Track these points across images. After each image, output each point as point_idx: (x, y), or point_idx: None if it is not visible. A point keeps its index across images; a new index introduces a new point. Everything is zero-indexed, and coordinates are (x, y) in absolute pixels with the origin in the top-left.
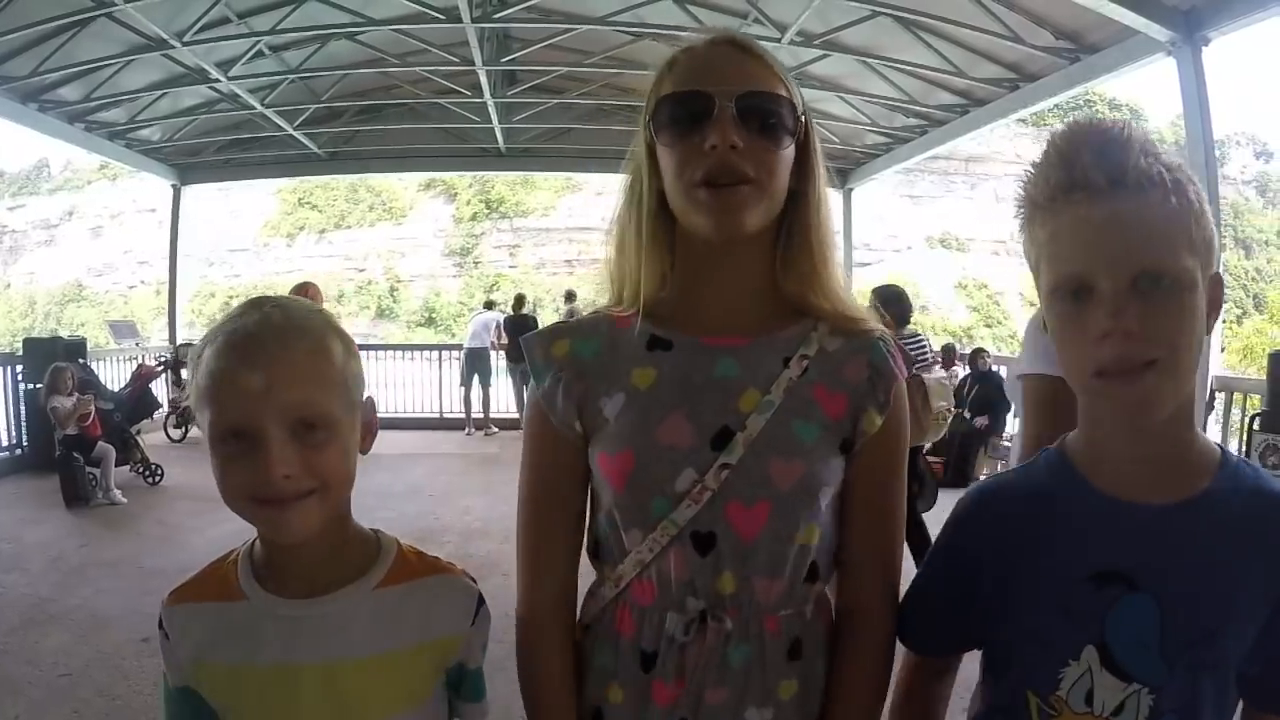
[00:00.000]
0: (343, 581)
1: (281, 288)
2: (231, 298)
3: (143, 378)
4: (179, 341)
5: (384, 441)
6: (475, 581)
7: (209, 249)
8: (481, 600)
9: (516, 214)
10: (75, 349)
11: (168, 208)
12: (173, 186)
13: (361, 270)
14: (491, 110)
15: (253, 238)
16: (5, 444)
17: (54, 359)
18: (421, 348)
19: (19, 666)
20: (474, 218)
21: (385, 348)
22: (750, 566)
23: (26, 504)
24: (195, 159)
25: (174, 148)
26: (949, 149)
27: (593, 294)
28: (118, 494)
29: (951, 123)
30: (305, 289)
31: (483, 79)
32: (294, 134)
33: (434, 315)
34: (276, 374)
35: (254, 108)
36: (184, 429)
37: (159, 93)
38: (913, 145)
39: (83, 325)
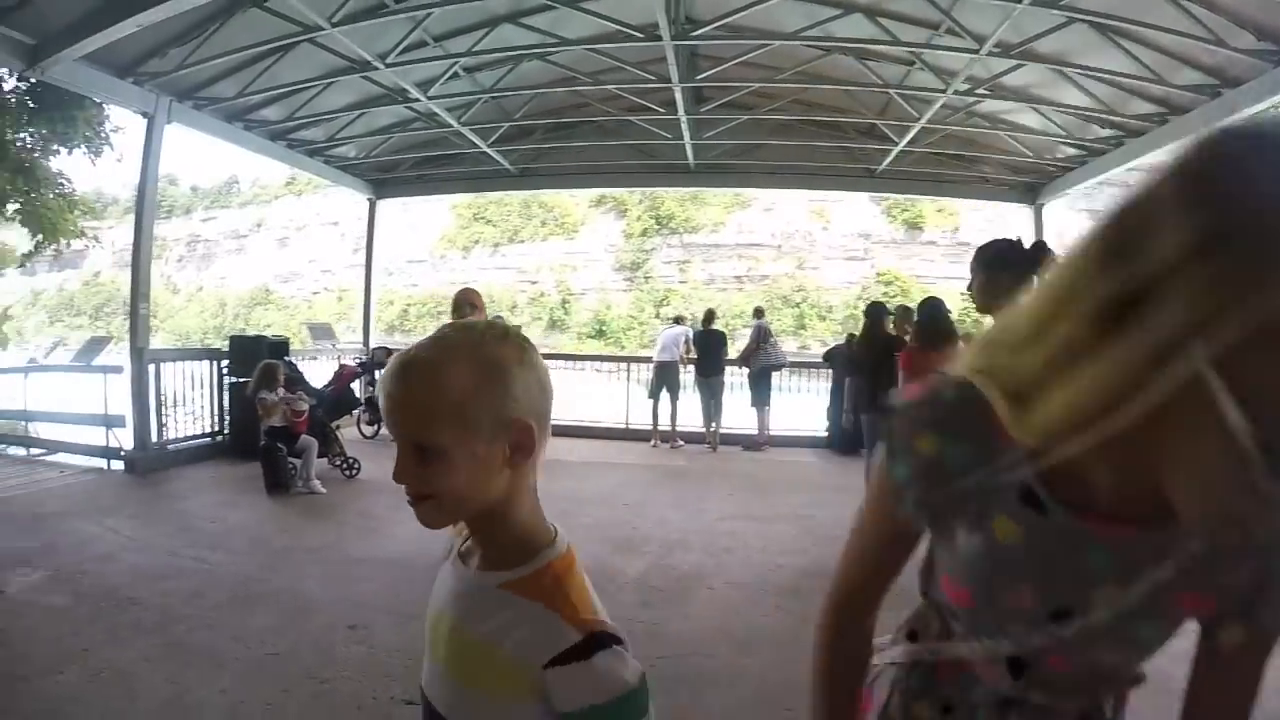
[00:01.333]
0: (494, 566)
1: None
2: (410, 304)
3: (344, 377)
4: (373, 345)
5: (570, 450)
6: (605, 639)
7: (389, 259)
8: (577, 655)
9: (686, 230)
10: (279, 348)
11: (349, 221)
12: (368, 200)
13: (534, 283)
14: (684, 127)
15: (429, 250)
16: (207, 431)
17: (258, 356)
18: (599, 358)
19: (226, 642)
20: (644, 233)
21: (570, 357)
22: (1059, 691)
23: (226, 488)
24: (389, 175)
25: (369, 164)
26: (1144, 162)
27: (747, 306)
28: (318, 484)
29: (1150, 133)
30: (466, 295)
31: (678, 96)
32: (487, 150)
33: (604, 328)
34: (398, 403)
35: (449, 126)
36: (376, 427)
37: (357, 112)
38: (1108, 158)
39: (268, 326)
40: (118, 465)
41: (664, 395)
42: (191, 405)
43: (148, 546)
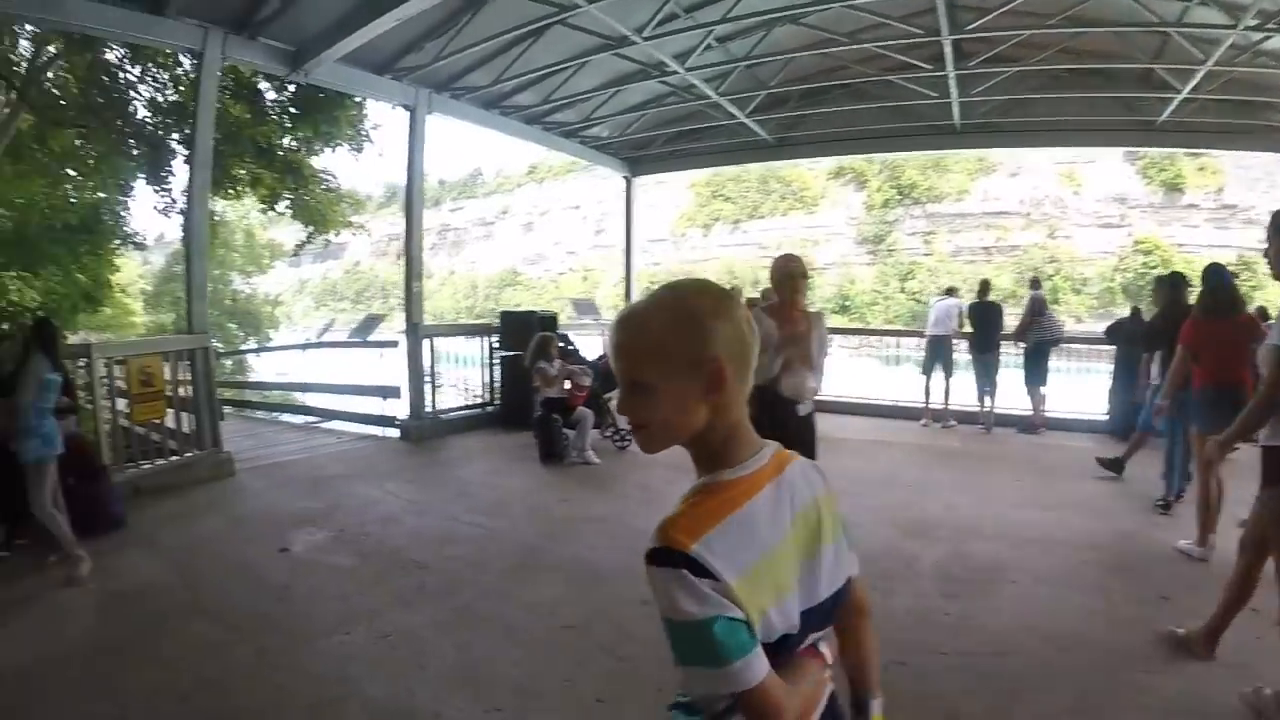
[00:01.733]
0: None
1: (696, 274)
2: (652, 282)
3: None
4: None
5: (841, 426)
6: (664, 556)
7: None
8: (646, 559)
9: (929, 199)
10: (548, 323)
11: (589, 204)
12: (624, 178)
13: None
14: (951, 84)
15: (669, 228)
16: (477, 401)
17: (528, 331)
18: (866, 332)
19: (516, 612)
20: (885, 204)
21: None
22: None
23: (498, 456)
24: (643, 152)
25: (623, 142)
26: None
27: (1011, 283)
28: (593, 455)
29: None
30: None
31: (946, 49)
32: (745, 121)
33: (848, 303)
34: (616, 348)
35: (704, 99)
36: None
37: (611, 91)
38: None
39: (517, 305)
40: (392, 433)
41: (937, 371)
42: (462, 377)
43: (427, 510)
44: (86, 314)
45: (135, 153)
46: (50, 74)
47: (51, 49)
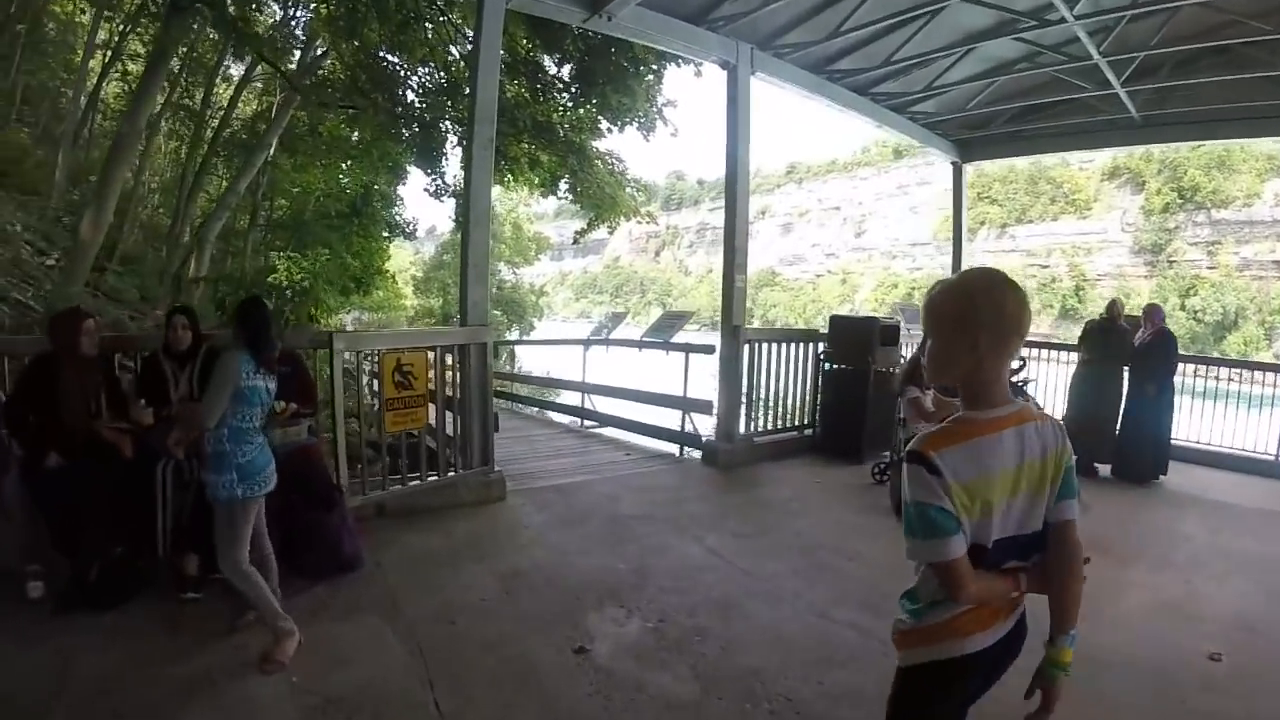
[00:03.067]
0: None
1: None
2: (914, 287)
3: None
4: None
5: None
6: (912, 455)
7: (890, 242)
8: (905, 458)
9: (1214, 203)
10: (891, 332)
11: (849, 206)
12: (952, 164)
13: (1044, 267)
14: None
15: (932, 232)
16: (794, 423)
17: (862, 339)
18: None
19: None
20: (1165, 209)
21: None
22: None
23: (834, 501)
24: (979, 133)
25: (957, 120)
26: None
27: None
28: None
29: None
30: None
31: None
32: (1119, 91)
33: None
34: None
35: (1075, 61)
36: None
37: (956, 53)
38: None
39: (774, 307)
40: (689, 453)
41: None
42: (780, 392)
43: (778, 594)
44: (359, 295)
45: (405, 135)
46: (322, 68)
47: (319, 43)
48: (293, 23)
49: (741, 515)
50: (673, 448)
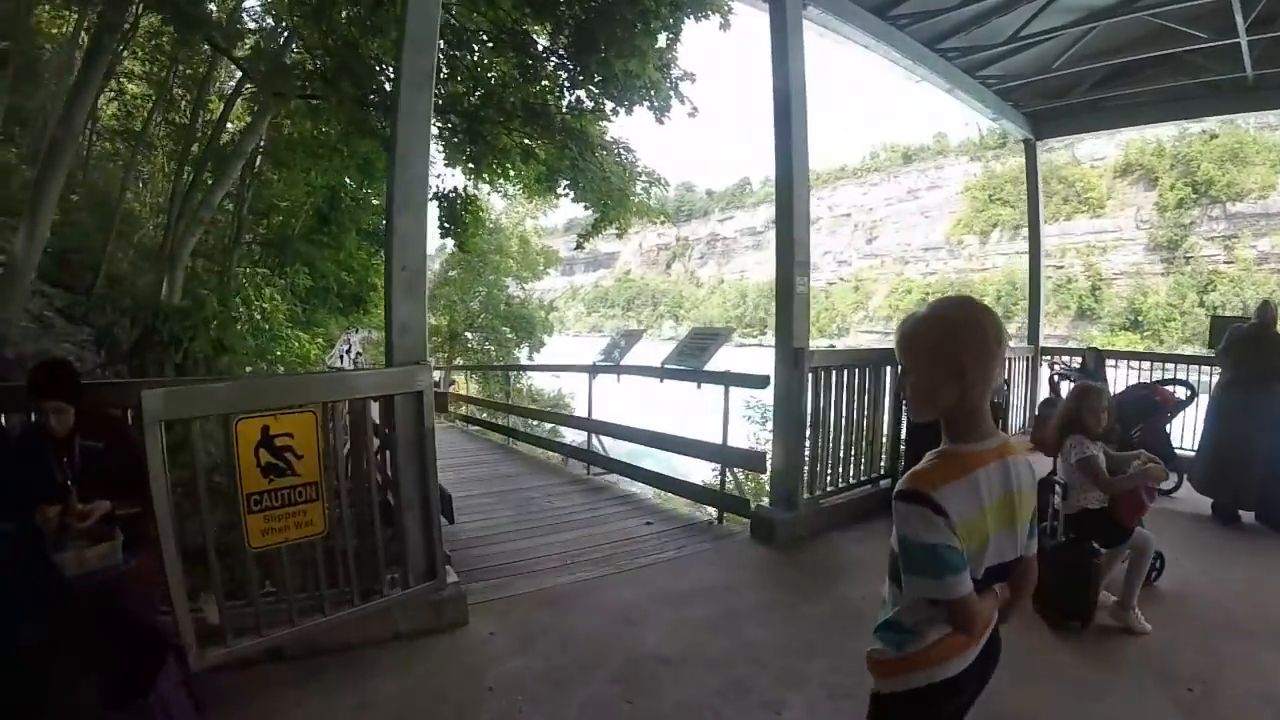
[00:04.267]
0: None
1: (974, 285)
2: (928, 293)
3: (1163, 403)
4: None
5: None
6: (907, 494)
7: (903, 247)
8: (898, 497)
9: (1229, 196)
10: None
11: (859, 213)
12: (1024, 141)
13: (1060, 267)
14: None
15: (945, 235)
16: (863, 476)
17: None
18: None
19: None
20: (1180, 204)
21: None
22: None
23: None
24: (1058, 102)
25: (1031, 88)
26: None
27: None
28: (1140, 617)
29: None
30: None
31: None
32: (1242, 40)
33: (1140, 318)
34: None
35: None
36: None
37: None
38: None
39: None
40: (733, 520)
41: None
42: (853, 433)
43: None
44: (359, 314)
45: (378, 129)
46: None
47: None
48: (253, 8)
49: (834, 647)
50: (707, 508)
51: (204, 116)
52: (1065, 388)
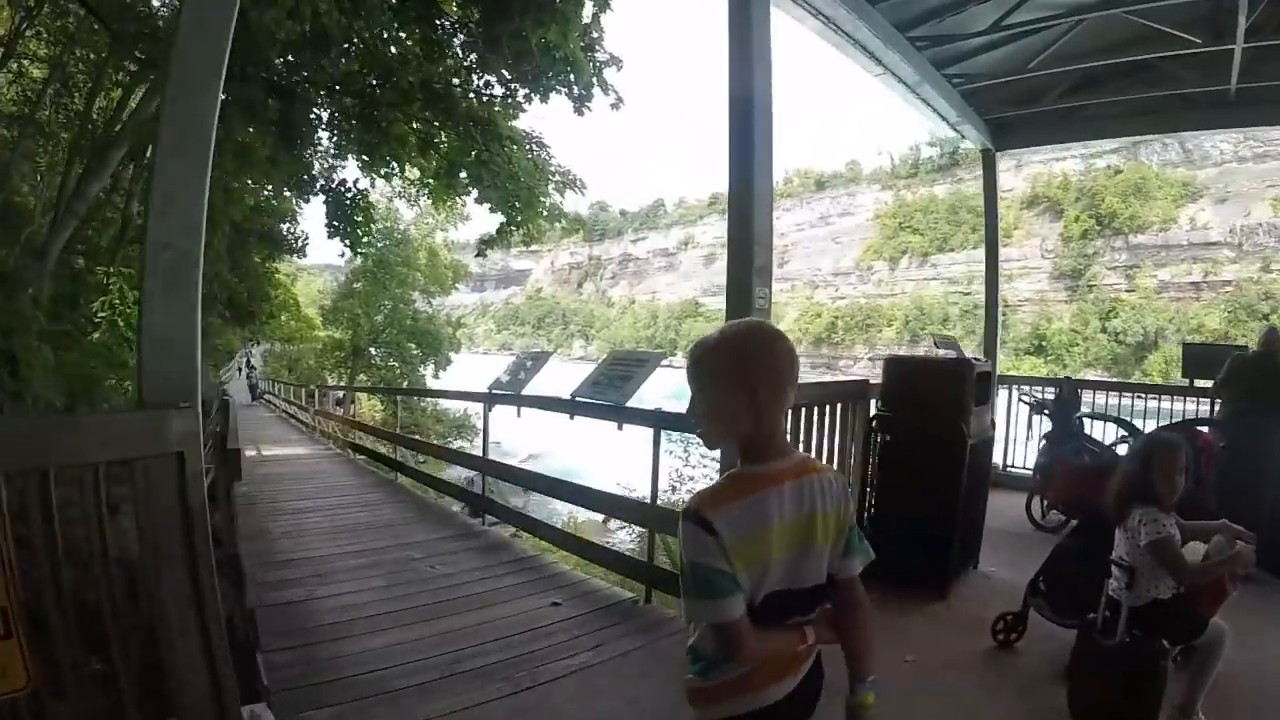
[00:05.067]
0: None
1: (882, 310)
2: (837, 317)
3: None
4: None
5: None
6: (687, 513)
7: (812, 272)
8: (682, 516)
9: (1131, 229)
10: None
11: (773, 238)
12: (981, 151)
13: (966, 294)
14: None
15: (855, 261)
16: None
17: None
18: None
19: None
20: (1084, 235)
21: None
22: None
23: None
24: (1023, 110)
25: (996, 93)
26: None
27: (1223, 323)
28: None
29: None
30: None
31: None
32: (1235, 47)
33: (1044, 343)
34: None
35: None
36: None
37: None
38: None
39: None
40: (666, 603)
41: None
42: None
43: None
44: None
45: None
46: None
47: None
48: None
49: None
50: (630, 583)
51: (98, 104)
52: (1040, 422)
